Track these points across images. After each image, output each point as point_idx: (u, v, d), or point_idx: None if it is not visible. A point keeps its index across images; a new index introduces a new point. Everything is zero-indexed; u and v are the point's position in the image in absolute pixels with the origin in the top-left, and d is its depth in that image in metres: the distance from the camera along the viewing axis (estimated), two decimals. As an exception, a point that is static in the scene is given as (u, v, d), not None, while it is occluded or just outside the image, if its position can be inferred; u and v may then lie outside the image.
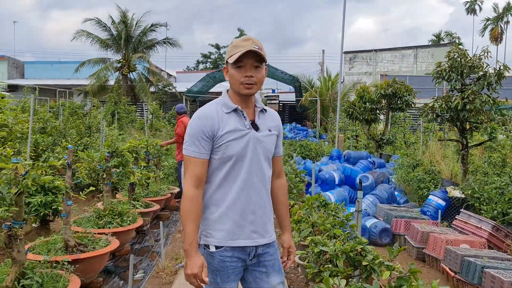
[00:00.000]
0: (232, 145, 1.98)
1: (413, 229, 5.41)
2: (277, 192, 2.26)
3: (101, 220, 4.93)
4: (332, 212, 4.40)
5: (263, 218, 2.07)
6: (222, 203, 2.02)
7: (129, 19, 25.45)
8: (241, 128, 2.01)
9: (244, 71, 1.98)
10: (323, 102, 25.42)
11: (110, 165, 5.12)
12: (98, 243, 4.20)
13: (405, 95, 11.94)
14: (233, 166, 2.01)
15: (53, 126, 10.65)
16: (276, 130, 2.17)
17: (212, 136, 1.98)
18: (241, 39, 2.03)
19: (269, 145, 2.10)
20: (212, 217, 2.03)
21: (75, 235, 4.27)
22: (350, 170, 8.03)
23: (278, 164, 2.26)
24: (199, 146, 1.99)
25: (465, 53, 6.97)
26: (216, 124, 1.98)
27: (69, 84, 30.10)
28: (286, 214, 2.29)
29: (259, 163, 2.05)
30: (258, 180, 2.04)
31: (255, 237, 2.04)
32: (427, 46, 38.37)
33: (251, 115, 2.08)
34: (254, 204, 2.03)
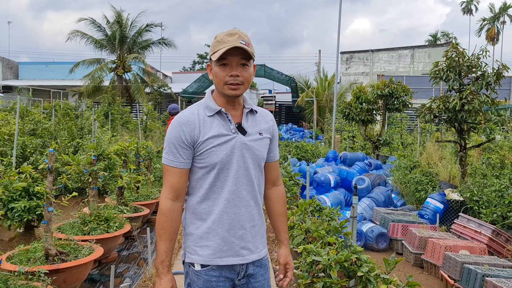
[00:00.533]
0: (216, 152, 1.78)
1: (411, 234, 5.23)
2: (273, 202, 2.05)
3: (86, 226, 4.74)
4: (326, 218, 4.21)
5: (252, 233, 1.86)
6: (207, 217, 1.82)
7: (124, 19, 25.20)
8: (226, 132, 1.80)
9: (229, 69, 1.78)
10: (320, 102, 25.26)
11: (96, 169, 4.93)
12: (81, 251, 4.01)
13: (402, 96, 11.79)
14: (218, 175, 1.80)
15: (44, 128, 10.44)
16: (269, 133, 1.95)
17: (192, 143, 1.79)
18: (225, 33, 1.81)
19: (260, 151, 1.88)
20: (196, 233, 1.83)
21: (58, 243, 4.07)
22: (346, 172, 7.85)
23: (273, 170, 2.03)
24: (177, 154, 1.79)
25: (463, 52, 6.81)
26: (196, 129, 1.79)
27: (64, 85, 29.82)
28: (284, 227, 2.05)
29: (248, 171, 1.83)
30: (246, 190, 1.84)
31: (244, 254, 1.84)
32: (424, 46, 38.32)
33: (237, 117, 1.87)
34: (243, 217, 1.83)
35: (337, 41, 15.32)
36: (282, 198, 2.06)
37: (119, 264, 4.94)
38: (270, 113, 2.07)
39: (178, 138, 1.78)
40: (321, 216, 4.26)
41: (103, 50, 25.72)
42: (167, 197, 1.80)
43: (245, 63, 1.80)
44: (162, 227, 1.78)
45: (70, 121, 12.72)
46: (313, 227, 3.96)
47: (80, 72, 25.65)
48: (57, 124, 11.50)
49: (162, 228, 1.78)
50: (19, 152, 7.71)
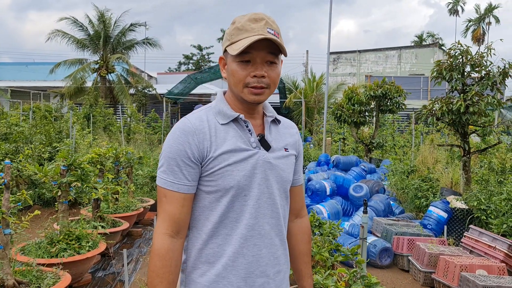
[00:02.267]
0: (232, 173, 1.32)
1: (419, 249, 4.75)
2: (296, 239, 1.58)
3: (54, 247, 4.14)
4: (329, 238, 3.69)
5: (277, 281, 1.39)
6: (217, 260, 1.35)
7: (107, 18, 24.44)
8: (245, 146, 1.35)
9: (252, 67, 1.33)
10: (308, 103, 24.84)
11: (66, 180, 4.34)
12: (44, 280, 3.42)
13: (395, 96, 11.38)
14: (232, 203, 1.33)
15: (18, 131, 9.76)
16: (295, 149, 1.50)
17: (200, 159, 1.32)
18: (248, 18, 1.33)
19: (286, 172, 1.42)
20: (201, 281, 1.35)
21: (18, 269, 3.49)
22: (343, 179, 7.36)
23: (298, 197, 1.57)
24: (180, 174, 1.32)
25: (467, 50, 6.36)
26: (207, 140, 1.32)
27: (45, 86, 28.88)
28: (308, 269, 1.59)
29: (272, 199, 1.38)
30: (270, 224, 1.38)
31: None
32: (411, 47, 38.31)
33: (258, 127, 1.42)
34: (265, 260, 1.36)
35: (327, 41, 14.88)
36: (307, 234, 1.61)
37: (92, 289, 4.36)
38: (295, 124, 1.57)
39: (182, 152, 1.31)
40: (324, 235, 3.73)
41: (86, 50, 24.95)
42: (165, 232, 1.32)
43: (273, 60, 1.34)
44: (157, 274, 1.30)
45: (48, 124, 12.02)
46: (315, 248, 3.44)
47: (61, 72, 24.85)
48: (32, 127, 10.79)
49: (158, 276, 1.30)
50: (-13, 159, 7.06)
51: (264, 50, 1.32)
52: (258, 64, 1.33)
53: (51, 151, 9.05)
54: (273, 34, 1.31)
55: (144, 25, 27.06)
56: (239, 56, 1.31)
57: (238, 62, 1.33)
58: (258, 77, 1.33)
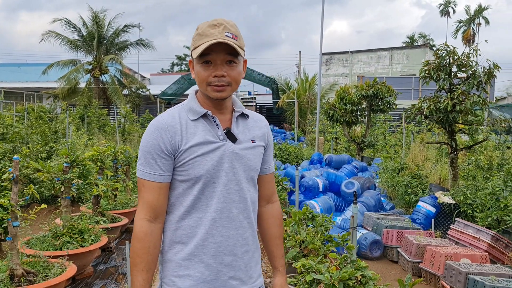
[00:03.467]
0: (201, 163, 1.49)
1: (407, 241, 4.98)
2: (268, 223, 1.75)
3: (58, 240, 4.31)
4: (321, 228, 3.90)
5: (245, 259, 1.57)
6: (189, 240, 1.52)
7: (100, 19, 24.51)
8: (213, 139, 1.52)
9: (213, 68, 1.50)
10: (301, 104, 25.07)
11: (69, 177, 4.51)
12: (51, 270, 3.60)
13: (386, 96, 11.64)
14: (203, 190, 1.51)
15: (15, 132, 9.87)
16: (263, 141, 1.67)
17: (173, 151, 1.50)
18: (208, 24, 1.52)
19: (253, 161, 1.60)
20: (176, 259, 1.53)
21: (25, 261, 3.66)
22: (335, 176, 7.58)
23: (268, 184, 1.74)
24: (155, 165, 1.49)
25: (454, 51, 6.61)
26: (178, 135, 1.50)
27: (38, 87, 28.85)
28: (279, 251, 1.75)
29: (239, 185, 1.55)
30: (238, 208, 1.55)
31: (234, 285, 1.54)
32: (402, 47, 38.69)
33: (226, 122, 1.59)
34: (233, 241, 1.54)
35: (320, 42, 15.11)
36: (278, 218, 1.77)
37: (95, 280, 4.53)
38: (265, 118, 1.75)
39: (156, 146, 1.49)
40: (316, 226, 3.94)
41: (79, 51, 24.99)
42: (143, 218, 1.49)
43: (232, 60, 1.52)
44: (137, 255, 1.49)
45: (44, 125, 12.13)
46: (309, 238, 3.64)
47: (54, 73, 24.85)
48: (29, 128, 10.91)
49: (138, 256, 1.48)
50: (-14, 158, 7.19)
51: (223, 52, 1.49)
52: (218, 65, 1.50)
53: (49, 151, 9.19)
54: (231, 37, 1.48)
55: (137, 26, 27.18)
56: (201, 58, 1.50)
57: (201, 64, 1.50)
58: (218, 76, 1.50)
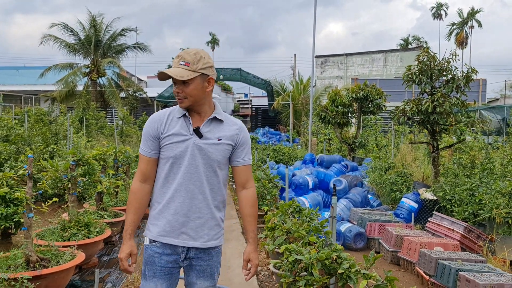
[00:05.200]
0: (172, 148, 2.10)
1: (387, 233, 5.39)
2: (242, 204, 2.27)
3: (66, 232, 4.69)
4: (306, 218, 4.31)
5: (196, 223, 2.12)
6: (160, 201, 2.14)
7: (98, 23, 24.88)
8: (184, 133, 2.11)
9: (175, 87, 2.11)
10: (296, 106, 25.51)
11: (75, 174, 4.90)
12: (62, 257, 3.98)
13: (376, 99, 12.07)
14: (172, 167, 2.12)
15: (17, 134, 10.23)
16: (231, 140, 2.18)
17: (157, 137, 2.13)
18: (176, 56, 2.13)
19: (214, 154, 2.13)
20: (152, 213, 2.17)
21: (38, 249, 4.04)
22: (324, 174, 8.00)
23: (241, 174, 2.25)
24: (146, 145, 2.15)
25: (434, 56, 7.05)
26: (162, 126, 2.13)
27: (35, 90, 29.15)
28: (250, 227, 2.26)
29: (197, 169, 2.11)
30: (194, 185, 2.11)
31: (185, 239, 2.12)
32: (396, 50, 39.19)
33: (199, 122, 2.15)
34: (186, 207, 2.11)
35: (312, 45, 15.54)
36: (250, 201, 2.27)
37: (100, 269, 4.92)
38: (241, 124, 2.28)
39: (147, 132, 2.15)
40: (301, 217, 4.35)
41: (77, 54, 25.32)
42: (137, 179, 2.17)
43: (186, 81, 2.07)
44: (129, 202, 2.16)
45: (44, 127, 12.49)
46: (294, 227, 4.05)
47: (52, 76, 25.16)
48: (30, 130, 11.27)
49: (129, 203, 2.16)
50: (-7, 158, 7.55)
51: None
52: (178, 85, 2.08)
53: (51, 152, 9.55)
54: (184, 65, 2.06)
55: (134, 30, 27.56)
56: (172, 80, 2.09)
57: (173, 83, 2.11)
58: (176, 92, 2.10)
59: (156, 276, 2.12)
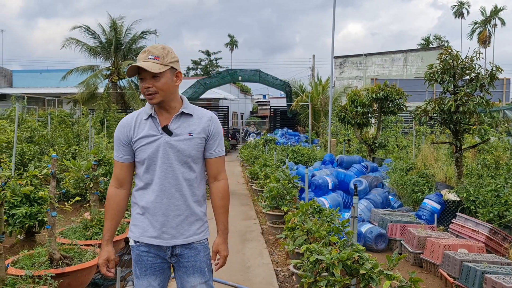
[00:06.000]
0: (144, 150, 2.11)
1: (410, 234, 5.30)
2: (213, 196, 2.29)
3: (88, 231, 4.76)
4: (327, 219, 4.27)
5: (176, 221, 2.14)
6: (140, 203, 2.17)
7: (118, 26, 25.24)
8: (154, 133, 2.11)
9: (144, 82, 2.08)
10: (314, 107, 25.37)
11: (97, 174, 4.96)
12: (84, 256, 4.04)
13: (396, 99, 11.89)
14: (147, 169, 2.13)
15: (40, 135, 10.45)
16: (204, 133, 2.18)
17: (128, 142, 2.16)
18: (141, 52, 2.11)
19: (187, 149, 2.13)
20: (134, 214, 2.22)
21: (61, 247, 4.10)
22: (344, 175, 7.92)
23: (213, 166, 2.25)
24: (118, 150, 2.19)
25: (457, 55, 6.91)
26: (131, 130, 2.14)
27: (58, 93, 29.75)
28: (220, 218, 2.28)
29: (171, 168, 2.12)
30: (170, 184, 2.12)
31: (166, 238, 2.15)
32: (417, 50, 38.68)
33: (167, 120, 2.15)
34: (165, 207, 2.13)
35: (331, 46, 15.44)
36: (221, 192, 2.29)
37: (121, 268, 4.96)
38: (212, 115, 2.27)
39: (118, 138, 2.19)
40: (322, 217, 4.31)
41: (98, 57, 25.74)
42: (112, 185, 2.22)
43: (156, 75, 2.05)
44: (106, 209, 2.22)
45: (67, 128, 12.73)
46: (314, 227, 4.01)
47: (73, 79, 25.62)
48: (53, 131, 11.50)
49: (106, 210, 2.22)
50: (18, 159, 7.72)
51: (146, 71, 2.03)
52: (147, 80, 2.06)
53: (73, 153, 9.72)
54: (153, 58, 2.04)
55: (154, 32, 27.89)
56: (138, 75, 2.08)
57: (139, 80, 2.10)
58: (146, 88, 2.07)
59: (147, 274, 2.18)
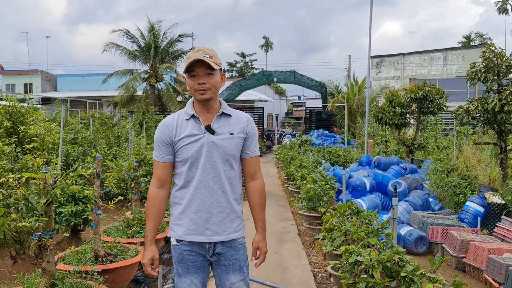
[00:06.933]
0: (188, 149, 2.17)
1: (452, 237, 5.16)
2: (250, 195, 2.36)
3: (130, 230, 4.91)
4: (365, 220, 4.22)
5: (219, 217, 2.20)
6: (182, 201, 2.22)
7: (156, 30, 25.85)
8: (197, 132, 2.18)
9: (197, 79, 2.16)
10: (351, 107, 25.05)
11: (138, 174, 5.11)
12: (127, 253, 4.17)
13: (436, 98, 11.57)
14: (190, 168, 2.18)
15: (83, 137, 10.84)
16: (243, 133, 2.26)
17: (170, 141, 2.21)
18: (193, 51, 2.20)
19: (229, 148, 2.20)
20: (174, 214, 2.25)
21: (105, 245, 4.25)
22: (382, 176, 7.79)
23: (250, 165, 2.33)
24: (160, 151, 2.23)
25: (501, 52, 6.66)
26: (173, 130, 2.21)
27: (99, 96, 30.78)
28: (258, 216, 2.35)
29: (214, 165, 2.18)
30: (213, 181, 2.18)
31: (209, 234, 2.20)
32: (457, 48, 37.45)
33: (209, 120, 2.22)
34: (208, 203, 2.18)
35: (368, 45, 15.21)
36: (258, 191, 2.36)
37: (162, 266, 5.09)
38: (249, 116, 2.36)
39: (160, 139, 2.24)
40: (360, 219, 4.27)
41: (136, 60, 26.45)
42: (153, 185, 2.27)
43: (210, 72, 2.17)
44: (148, 209, 2.25)
45: (107, 130, 13.15)
46: (353, 229, 3.98)
47: (113, 82, 26.44)
48: (95, 133, 11.91)
49: (147, 210, 2.25)
50: (63, 159, 8.04)
51: (203, 67, 2.14)
52: (200, 76, 2.15)
53: (114, 154, 10.04)
54: (208, 57, 2.12)
55: (191, 35, 28.32)
56: (189, 73, 2.18)
57: (189, 77, 2.19)
58: (200, 83, 2.15)
59: (189, 272, 2.23)
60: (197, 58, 2.11)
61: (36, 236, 2.95)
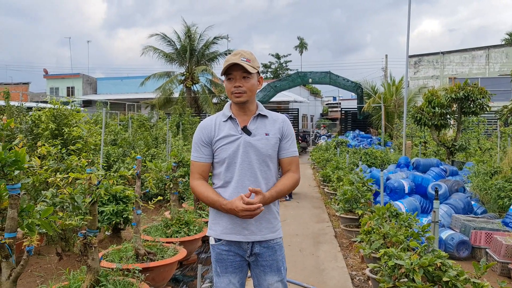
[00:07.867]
0: (225, 149, 2.23)
1: (496, 242, 4.97)
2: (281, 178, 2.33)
3: (169, 229, 5.02)
4: (404, 223, 4.14)
5: (255, 217, 2.18)
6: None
7: (192, 33, 26.28)
8: (234, 133, 2.24)
9: (233, 82, 2.22)
10: (388, 108, 24.57)
11: (177, 175, 5.21)
12: (166, 252, 4.26)
13: (478, 98, 11.17)
14: (228, 168, 2.24)
15: (123, 138, 11.15)
16: (278, 134, 2.30)
17: (209, 142, 2.27)
18: (231, 55, 2.25)
19: (265, 149, 2.24)
20: (213, 214, 2.30)
21: (145, 244, 4.36)
22: (421, 178, 7.60)
23: (288, 165, 2.33)
24: (199, 151, 2.29)
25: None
26: (212, 131, 2.27)
27: (137, 98, 31.57)
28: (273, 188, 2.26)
29: (251, 165, 2.23)
30: (250, 181, 2.22)
31: (246, 234, 2.23)
32: (501, 45, 35.97)
33: (246, 121, 2.28)
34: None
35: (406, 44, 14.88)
36: (288, 178, 2.31)
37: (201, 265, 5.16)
38: (285, 117, 2.39)
39: (199, 139, 2.30)
40: (399, 222, 4.18)
41: (173, 63, 26.97)
42: (193, 178, 2.30)
43: (247, 76, 2.22)
44: (199, 193, 2.24)
45: (146, 132, 13.47)
46: (392, 232, 3.91)
47: (151, 85, 27.06)
48: (134, 135, 12.22)
49: (199, 193, 2.24)
50: (104, 160, 8.30)
51: (240, 70, 2.20)
52: (237, 79, 2.22)
53: (152, 155, 10.28)
54: (245, 61, 2.18)
55: (226, 37, 28.61)
56: (226, 75, 2.24)
57: (227, 80, 2.26)
58: (237, 86, 2.21)
59: (228, 272, 2.26)
60: (234, 62, 2.17)
61: (82, 234, 3.07)
